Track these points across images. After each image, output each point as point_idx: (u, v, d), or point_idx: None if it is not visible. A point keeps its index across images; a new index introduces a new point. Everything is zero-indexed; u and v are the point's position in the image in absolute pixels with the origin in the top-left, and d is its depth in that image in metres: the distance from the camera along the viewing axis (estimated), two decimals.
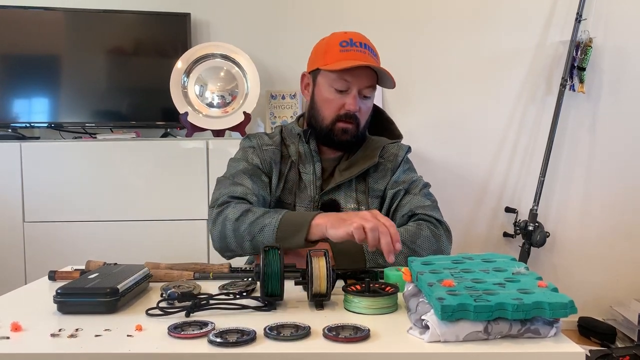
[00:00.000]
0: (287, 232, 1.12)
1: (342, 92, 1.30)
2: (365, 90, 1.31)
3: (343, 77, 1.29)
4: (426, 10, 2.63)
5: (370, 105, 1.37)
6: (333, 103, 1.31)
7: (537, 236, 2.46)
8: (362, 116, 1.33)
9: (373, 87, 1.33)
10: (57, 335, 0.76)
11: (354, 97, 1.29)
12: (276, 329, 0.76)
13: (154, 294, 0.99)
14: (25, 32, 2.38)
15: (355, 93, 1.29)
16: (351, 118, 1.31)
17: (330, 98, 1.31)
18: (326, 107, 1.32)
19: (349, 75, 1.28)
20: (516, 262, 0.89)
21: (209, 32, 2.62)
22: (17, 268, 2.15)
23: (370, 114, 1.39)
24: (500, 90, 2.64)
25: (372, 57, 1.32)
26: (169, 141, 2.25)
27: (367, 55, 1.30)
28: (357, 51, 1.29)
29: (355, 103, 1.29)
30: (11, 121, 2.38)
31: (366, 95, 1.32)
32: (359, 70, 1.28)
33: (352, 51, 1.29)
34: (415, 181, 1.36)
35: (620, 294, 2.64)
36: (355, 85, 1.29)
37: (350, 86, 1.29)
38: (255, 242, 1.16)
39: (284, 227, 1.13)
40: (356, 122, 1.32)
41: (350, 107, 1.29)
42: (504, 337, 0.73)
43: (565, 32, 2.58)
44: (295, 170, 1.36)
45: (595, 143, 2.64)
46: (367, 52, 1.30)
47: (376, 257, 1.16)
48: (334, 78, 1.30)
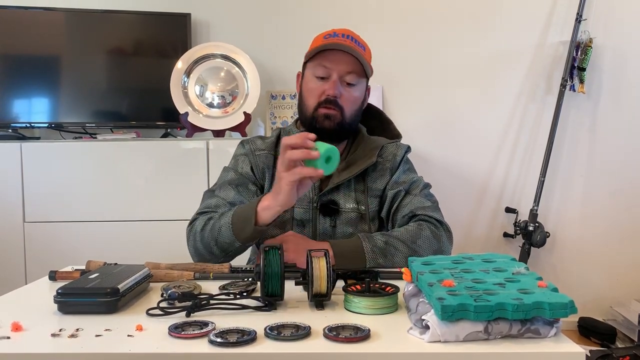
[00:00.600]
0: (240, 226, 1.15)
1: (324, 79, 1.31)
2: (348, 77, 1.30)
3: (322, 64, 1.30)
4: (426, 10, 2.63)
5: (357, 94, 1.34)
6: (315, 91, 1.32)
7: (537, 236, 2.46)
8: (345, 103, 1.31)
9: (356, 74, 1.31)
10: (58, 335, 0.77)
11: (334, 82, 1.29)
12: (276, 329, 0.76)
13: (155, 294, 0.99)
14: (26, 32, 2.38)
15: (336, 78, 1.29)
16: (332, 104, 1.30)
17: (312, 86, 1.32)
18: (309, 95, 1.33)
19: (327, 61, 1.29)
20: (516, 262, 0.89)
21: (209, 33, 2.62)
22: (18, 268, 2.15)
23: (360, 106, 1.37)
24: (501, 90, 2.64)
25: (355, 45, 1.31)
26: (169, 141, 2.25)
27: (349, 43, 1.30)
28: (338, 40, 1.30)
29: (334, 87, 1.29)
30: (11, 121, 2.38)
31: (350, 83, 1.31)
32: (339, 56, 1.28)
33: (333, 39, 1.30)
34: (415, 181, 1.35)
35: (620, 294, 2.64)
36: (335, 71, 1.29)
37: (330, 72, 1.30)
38: (220, 244, 1.19)
39: (236, 221, 1.16)
40: (339, 108, 1.30)
41: (330, 92, 1.29)
42: (504, 337, 0.73)
43: (565, 32, 2.58)
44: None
45: (596, 143, 2.64)
46: (348, 40, 1.30)
47: (376, 256, 1.17)
48: (314, 65, 1.31)
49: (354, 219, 1.34)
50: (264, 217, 1.13)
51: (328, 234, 1.33)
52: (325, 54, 1.30)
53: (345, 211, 1.34)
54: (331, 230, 1.33)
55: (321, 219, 1.34)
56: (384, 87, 2.63)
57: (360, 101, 1.37)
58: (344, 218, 1.33)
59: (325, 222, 1.33)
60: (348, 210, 1.34)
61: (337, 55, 1.29)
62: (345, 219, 1.33)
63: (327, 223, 1.33)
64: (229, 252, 1.21)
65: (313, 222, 1.34)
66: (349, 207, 1.34)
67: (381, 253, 1.17)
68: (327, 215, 1.33)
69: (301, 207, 1.34)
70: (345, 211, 1.34)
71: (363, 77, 1.34)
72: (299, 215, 1.34)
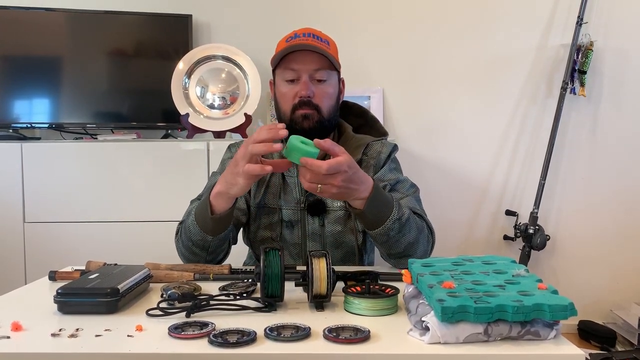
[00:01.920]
0: (202, 219, 1.16)
1: (294, 81, 1.31)
2: (317, 75, 1.30)
3: (289, 67, 1.30)
4: (427, 13, 2.63)
5: (330, 90, 1.33)
6: (288, 95, 1.31)
7: (537, 239, 2.46)
8: (319, 101, 1.30)
9: (325, 69, 1.31)
10: (58, 335, 0.77)
11: (304, 83, 1.29)
12: (276, 329, 0.76)
13: (154, 295, 0.99)
14: (27, 32, 2.38)
15: (306, 79, 1.29)
16: (307, 104, 1.29)
17: (284, 91, 1.32)
18: (283, 101, 1.33)
19: (294, 63, 1.29)
20: (516, 265, 0.89)
21: (210, 34, 2.62)
22: (18, 268, 2.15)
23: (336, 100, 1.36)
24: (501, 93, 2.64)
25: (318, 42, 1.30)
26: (169, 142, 2.25)
27: (311, 41, 1.29)
28: (300, 40, 1.29)
29: (306, 87, 1.29)
30: (12, 122, 2.38)
31: (320, 79, 1.31)
32: (304, 56, 1.29)
33: (295, 41, 1.30)
34: (401, 181, 1.34)
35: (620, 298, 2.64)
36: (303, 71, 1.29)
37: (299, 73, 1.30)
38: (196, 243, 1.21)
39: (198, 216, 1.18)
40: (314, 107, 1.30)
41: (302, 92, 1.29)
42: (504, 339, 0.73)
43: (566, 35, 2.58)
44: (279, 175, 1.36)
45: (596, 146, 2.64)
46: (310, 39, 1.30)
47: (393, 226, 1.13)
48: (282, 70, 1.32)
49: (342, 217, 1.34)
50: (217, 206, 1.13)
51: (317, 234, 1.34)
52: (290, 56, 1.30)
53: (334, 210, 1.34)
54: (320, 230, 1.34)
55: (309, 219, 1.34)
56: (384, 90, 2.63)
57: (335, 95, 1.35)
58: (332, 217, 1.34)
59: (314, 221, 1.34)
60: (336, 208, 1.34)
61: (302, 55, 1.29)
62: (333, 217, 1.34)
63: (315, 223, 1.34)
64: (208, 248, 1.21)
65: (302, 222, 1.35)
66: (337, 206, 1.34)
67: (400, 226, 1.14)
68: (315, 215, 1.34)
69: (289, 208, 1.35)
70: (334, 210, 1.34)
71: (333, 71, 1.34)
72: (287, 216, 1.35)
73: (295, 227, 1.35)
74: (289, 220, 1.35)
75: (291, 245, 1.36)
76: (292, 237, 1.35)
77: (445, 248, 2.52)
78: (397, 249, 1.17)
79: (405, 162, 1.55)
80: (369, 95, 2.60)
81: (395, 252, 1.18)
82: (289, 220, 1.35)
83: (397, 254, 1.18)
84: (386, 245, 1.16)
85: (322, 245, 1.34)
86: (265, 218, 1.37)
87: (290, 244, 1.36)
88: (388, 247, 1.17)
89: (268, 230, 1.36)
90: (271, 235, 1.36)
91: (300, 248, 1.36)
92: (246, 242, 1.44)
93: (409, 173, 1.44)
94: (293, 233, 1.35)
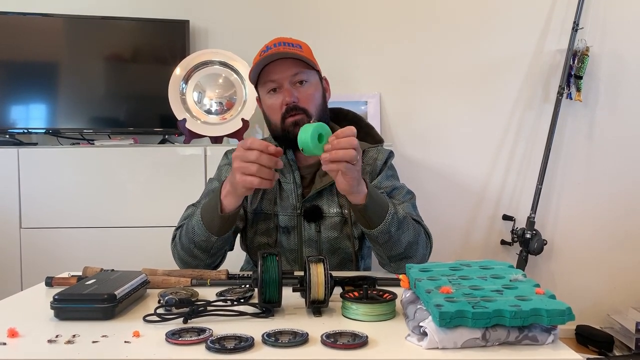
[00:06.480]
0: (209, 218, 1.17)
1: (276, 90, 1.31)
2: (296, 78, 1.30)
3: (269, 79, 1.31)
4: (423, 17, 2.65)
5: (313, 91, 1.33)
6: (274, 105, 1.32)
7: (534, 244, 2.46)
8: (305, 103, 1.30)
9: (303, 72, 1.31)
10: (54, 342, 0.76)
11: (287, 90, 1.29)
12: (274, 335, 0.76)
13: (152, 300, 0.99)
14: (24, 38, 2.38)
15: (287, 86, 1.30)
16: (294, 109, 1.29)
17: (270, 102, 1.33)
18: (271, 113, 1.33)
19: (272, 74, 1.30)
20: (514, 269, 0.89)
21: (208, 39, 2.63)
22: (14, 274, 2.15)
23: (322, 99, 1.36)
24: (498, 98, 2.65)
25: (290, 48, 1.30)
26: (166, 147, 2.25)
27: (283, 49, 1.29)
28: (272, 51, 1.29)
29: (289, 94, 1.29)
30: (9, 127, 2.38)
31: (301, 80, 1.31)
32: (280, 65, 1.29)
33: (267, 53, 1.30)
34: (397, 188, 1.34)
35: (617, 302, 2.64)
36: (284, 79, 1.29)
37: (279, 82, 1.30)
38: (198, 244, 1.21)
39: (205, 215, 1.18)
40: (302, 111, 1.30)
41: (287, 99, 1.29)
42: (502, 344, 0.73)
43: (562, 40, 2.60)
44: (275, 181, 1.36)
45: (593, 151, 2.65)
46: (282, 47, 1.30)
47: (393, 221, 1.14)
48: (263, 84, 1.32)
49: (338, 223, 1.34)
50: (227, 205, 1.15)
51: (314, 240, 1.34)
52: (267, 69, 1.30)
53: (330, 216, 1.34)
54: (316, 236, 1.34)
55: (306, 225, 1.34)
56: (382, 95, 2.64)
57: (320, 95, 1.35)
58: (328, 223, 1.34)
59: (310, 228, 1.34)
60: (332, 214, 1.34)
61: (279, 64, 1.29)
62: (329, 223, 1.34)
63: (311, 229, 1.34)
64: (209, 250, 1.21)
65: (298, 228, 1.35)
66: (333, 212, 1.34)
67: (398, 222, 1.15)
68: (311, 221, 1.34)
69: (285, 214, 1.35)
70: (330, 216, 1.34)
71: (312, 70, 1.34)
72: (283, 222, 1.35)
73: (291, 233, 1.35)
74: (285, 227, 1.35)
75: (287, 251, 1.36)
76: (288, 243, 1.35)
77: (443, 253, 2.52)
78: (399, 249, 1.16)
79: (403, 167, 1.55)
80: (366, 100, 2.60)
81: (397, 254, 1.17)
82: (285, 226, 1.35)
83: (398, 255, 1.18)
84: (388, 244, 1.16)
85: (318, 251, 1.34)
86: (261, 224, 1.37)
87: (286, 250, 1.36)
88: (390, 247, 1.16)
89: (265, 236, 1.36)
90: (268, 241, 1.36)
91: (296, 254, 1.35)
92: (243, 248, 1.44)
93: (406, 178, 1.45)
94: (289, 239, 1.35)
